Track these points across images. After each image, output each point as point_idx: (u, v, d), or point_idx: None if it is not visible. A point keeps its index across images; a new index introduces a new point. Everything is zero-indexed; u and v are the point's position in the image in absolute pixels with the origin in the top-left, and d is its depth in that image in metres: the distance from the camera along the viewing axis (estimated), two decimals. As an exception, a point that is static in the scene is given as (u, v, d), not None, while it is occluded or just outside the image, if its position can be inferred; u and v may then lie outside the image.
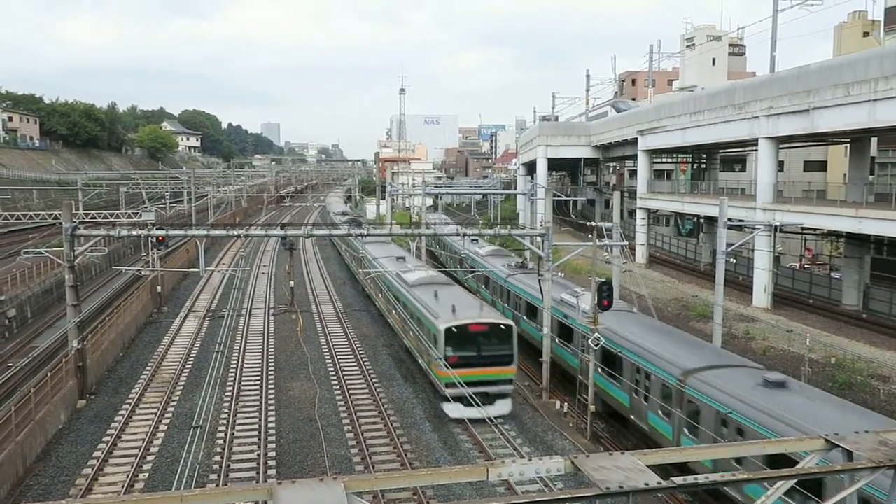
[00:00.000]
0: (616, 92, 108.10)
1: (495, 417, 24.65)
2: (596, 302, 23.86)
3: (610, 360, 24.62)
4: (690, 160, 69.44)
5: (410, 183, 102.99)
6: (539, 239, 29.02)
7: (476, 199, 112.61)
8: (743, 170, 69.66)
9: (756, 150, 45.29)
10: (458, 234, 32.55)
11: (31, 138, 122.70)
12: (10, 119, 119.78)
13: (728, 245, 29.09)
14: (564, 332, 29.40)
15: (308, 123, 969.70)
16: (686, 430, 19.47)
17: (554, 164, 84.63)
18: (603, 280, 24.92)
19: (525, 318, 33.89)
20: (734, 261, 48.82)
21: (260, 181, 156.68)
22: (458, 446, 23.54)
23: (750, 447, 6.64)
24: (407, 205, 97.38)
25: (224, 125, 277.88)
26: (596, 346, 23.48)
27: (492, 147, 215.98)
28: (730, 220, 29.80)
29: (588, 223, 41.06)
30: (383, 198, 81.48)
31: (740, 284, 45.74)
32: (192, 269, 47.76)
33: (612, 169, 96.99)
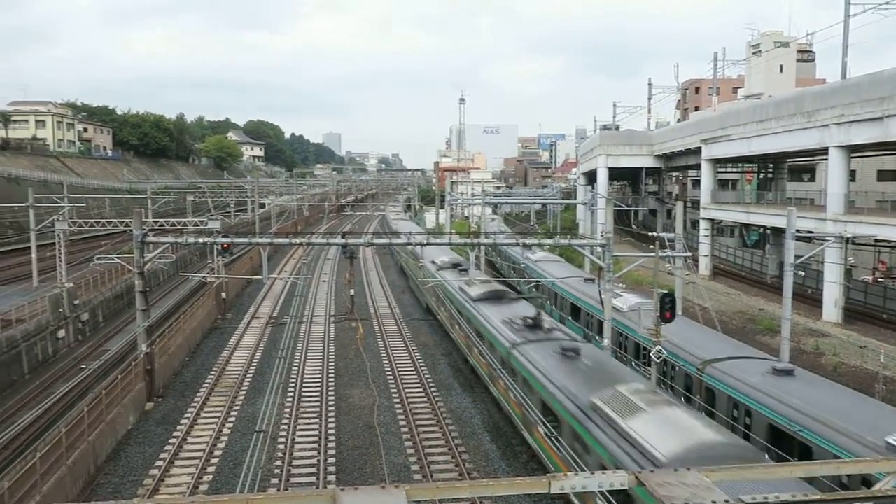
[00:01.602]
0: (679, 100, 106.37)
1: None
2: (658, 314, 23.44)
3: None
4: (756, 169, 67.79)
5: (469, 192, 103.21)
6: (599, 249, 28.68)
7: (535, 208, 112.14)
8: (812, 179, 67.67)
9: (826, 160, 43.93)
10: (517, 244, 32.43)
11: (105, 148, 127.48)
12: (85, 130, 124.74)
13: (796, 257, 28.25)
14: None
15: (369, 133, 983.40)
16: None
17: (615, 174, 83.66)
18: (665, 292, 24.48)
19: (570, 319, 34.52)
20: (803, 273, 47.35)
21: (321, 190, 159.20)
22: (516, 457, 23.40)
23: (823, 467, 6.43)
24: (466, 214, 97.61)
25: (287, 135, 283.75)
26: (658, 359, 23.05)
27: (551, 156, 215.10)
28: (798, 231, 28.94)
29: (650, 234, 40.45)
30: (442, 207, 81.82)
31: (809, 298, 44.32)
32: (255, 277, 48.75)
33: (674, 178, 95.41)
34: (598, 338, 30.09)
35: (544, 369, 21.10)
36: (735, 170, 72.51)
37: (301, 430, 25.71)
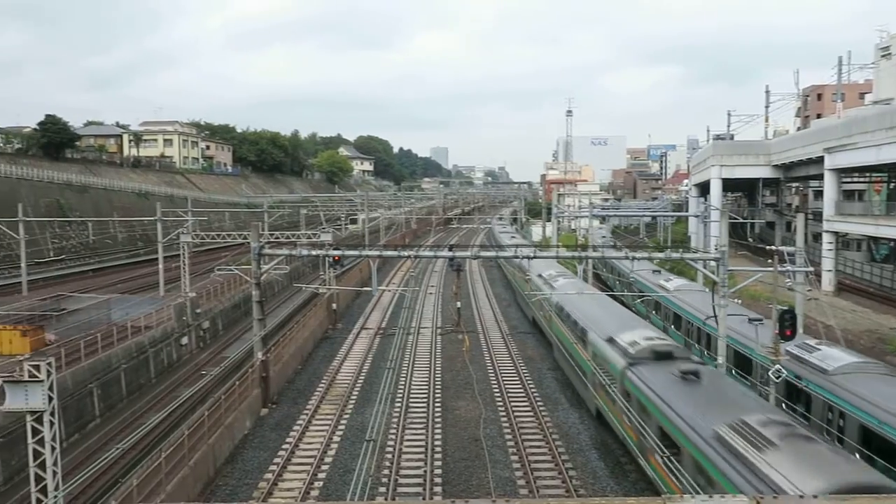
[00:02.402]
0: (799, 108, 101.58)
1: None
2: (778, 331, 22.37)
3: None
4: (886, 179, 63.77)
5: (576, 205, 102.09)
6: (713, 263, 27.67)
7: (645, 221, 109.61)
8: (949, 189, 62.94)
9: (966, 168, 40.82)
10: (625, 258, 31.75)
11: (225, 165, 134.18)
12: (208, 147, 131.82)
13: (932, 272, 26.35)
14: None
15: (475, 146, 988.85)
16: None
17: (729, 185, 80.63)
18: (785, 308, 23.35)
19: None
20: (939, 290, 44.03)
21: (428, 203, 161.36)
22: (625, 476, 22.80)
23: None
24: (573, 227, 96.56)
25: (395, 150, 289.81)
26: (777, 378, 21.97)
27: (661, 168, 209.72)
28: (935, 244, 27.01)
29: (768, 247, 38.72)
30: (549, 220, 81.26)
31: (947, 316, 41.14)
32: (364, 288, 49.90)
33: (794, 189, 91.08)
34: (654, 314, 39.47)
35: None
36: (862, 179, 68.49)
37: (408, 440, 26.01)
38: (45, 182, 71.21)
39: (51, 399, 13.91)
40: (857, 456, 17.58)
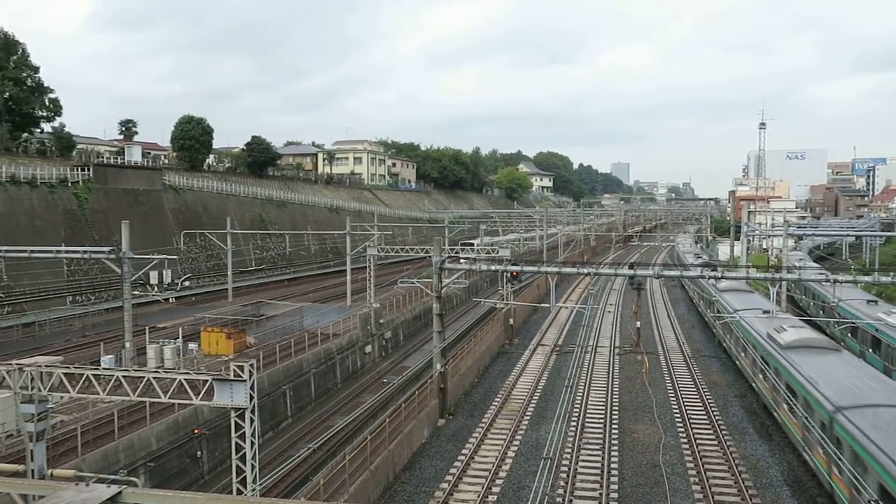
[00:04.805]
0: None
1: None
2: None
3: None
4: None
5: (769, 223, 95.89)
6: (931, 289, 24.93)
7: (848, 241, 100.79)
8: None
9: None
10: (827, 280, 29.37)
11: (409, 181, 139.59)
12: (394, 165, 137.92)
13: None
14: None
15: (659, 161, 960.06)
16: None
17: (951, 202, 72.31)
18: None
19: None
20: None
21: (608, 220, 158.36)
22: (822, 518, 20.99)
23: None
24: (764, 246, 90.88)
25: (575, 166, 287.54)
26: None
27: (869, 183, 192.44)
28: None
29: None
30: (737, 238, 76.97)
31: None
32: (542, 304, 49.71)
33: None
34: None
35: None
36: None
37: (584, 460, 25.55)
38: (249, 197, 77.64)
39: (252, 398, 15.01)
40: None
